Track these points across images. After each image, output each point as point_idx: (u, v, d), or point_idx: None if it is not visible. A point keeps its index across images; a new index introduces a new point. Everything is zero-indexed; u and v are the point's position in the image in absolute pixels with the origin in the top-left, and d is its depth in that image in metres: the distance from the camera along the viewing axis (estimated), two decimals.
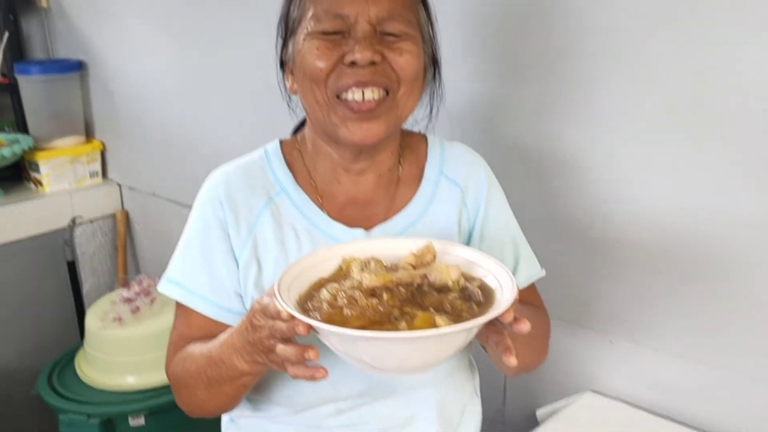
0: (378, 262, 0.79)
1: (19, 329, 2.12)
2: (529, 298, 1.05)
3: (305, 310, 0.72)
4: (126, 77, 2.09)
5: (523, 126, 1.25)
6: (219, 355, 0.86)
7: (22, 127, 2.24)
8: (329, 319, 0.69)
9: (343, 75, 0.88)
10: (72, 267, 2.21)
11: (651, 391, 1.21)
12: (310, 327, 0.69)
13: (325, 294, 0.73)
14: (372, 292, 0.72)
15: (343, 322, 0.68)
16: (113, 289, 2.09)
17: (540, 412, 1.34)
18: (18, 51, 2.29)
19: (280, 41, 0.96)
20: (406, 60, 0.89)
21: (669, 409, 1.19)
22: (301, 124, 1.08)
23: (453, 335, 0.68)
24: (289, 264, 0.79)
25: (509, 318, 0.71)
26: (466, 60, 1.29)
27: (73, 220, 2.16)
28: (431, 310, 0.71)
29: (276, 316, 0.72)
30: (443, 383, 1.00)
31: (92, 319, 1.87)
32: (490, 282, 0.78)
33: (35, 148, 2.14)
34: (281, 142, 1.03)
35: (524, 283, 1.03)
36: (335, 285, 0.74)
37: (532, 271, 1.04)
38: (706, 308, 1.11)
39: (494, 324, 0.74)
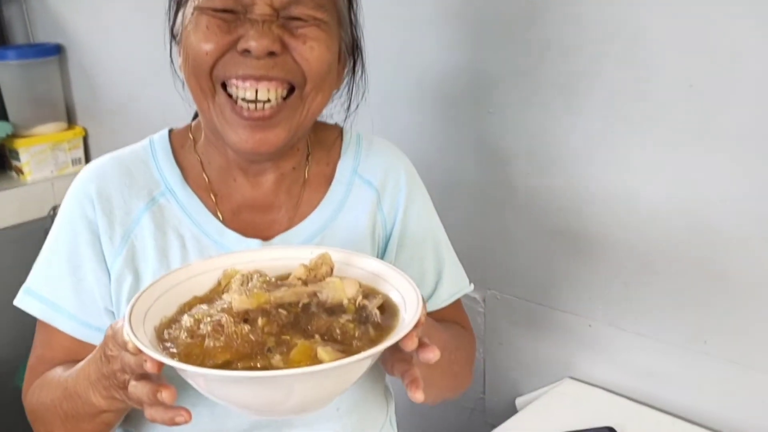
0: (262, 276, 0.67)
1: None
2: (452, 317, 0.93)
3: (162, 340, 0.61)
4: (107, 61, 2.00)
5: (502, 103, 1.15)
6: (74, 388, 0.74)
7: (1, 113, 2.17)
8: (187, 352, 0.58)
9: (232, 63, 0.74)
10: None
11: (631, 378, 1.14)
12: (160, 363, 0.58)
13: (186, 320, 0.61)
14: (244, 317, 0.61)
15: (203, 356, 0.58)
16: None
17: (519, 401, 1.28)
18: None
19: (174, 7, 0.82)
20: (310, 49, 0.75)
21: (649, 396, 1.12)
22: None
23: (337, 370, 0.56)
24: (155, 278, 0.67)
25: (411, 345, 0.60)
26: (439, 27, 1.18)
27: (54, 209, 2.11)
28: (316, 337, 0.60)
29: (123, 346, 0.61)
30: (349, 415, 0.86)
31: None
32: (396, 299, 0.66)
33: (15, 135, 2.08)
34: (171, 132, 0.90)
35: (448, 300, 0.91)
36: (204, 307, 0.63)
37: (458, 285, 0.92)
38: (688, 292, 1.03)
39: (399, 350, 0.62)
